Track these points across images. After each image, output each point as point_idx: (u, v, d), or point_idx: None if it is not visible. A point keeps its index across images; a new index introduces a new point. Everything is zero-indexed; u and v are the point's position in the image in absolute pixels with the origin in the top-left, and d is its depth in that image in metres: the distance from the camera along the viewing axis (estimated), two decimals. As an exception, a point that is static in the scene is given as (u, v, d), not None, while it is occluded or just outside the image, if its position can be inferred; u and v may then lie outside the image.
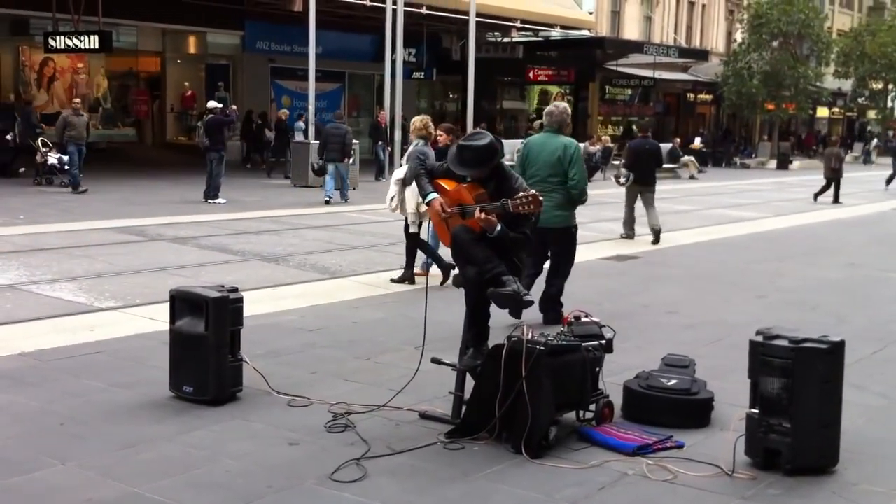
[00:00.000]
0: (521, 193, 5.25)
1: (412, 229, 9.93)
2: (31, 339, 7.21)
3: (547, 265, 8.49)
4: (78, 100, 21.07)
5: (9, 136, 21.36)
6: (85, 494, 4.36)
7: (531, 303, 5.28)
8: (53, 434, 5.16)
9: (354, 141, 20.89)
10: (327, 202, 18.66)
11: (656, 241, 13.92)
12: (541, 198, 5.25)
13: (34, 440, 5.05)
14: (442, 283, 9.38)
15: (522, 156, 8.29)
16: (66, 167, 18.94)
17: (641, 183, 14.42)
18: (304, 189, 21.57)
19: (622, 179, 14.81)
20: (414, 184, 8.78)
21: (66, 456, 4.82)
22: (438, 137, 10.46)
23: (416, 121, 10.33)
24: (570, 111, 8.46)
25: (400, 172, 10.11)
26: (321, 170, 19.75)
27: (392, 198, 10.02)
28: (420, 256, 10.13)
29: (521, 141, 27.49)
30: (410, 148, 10.22)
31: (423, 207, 9.03)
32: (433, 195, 5.52)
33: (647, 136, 16.39)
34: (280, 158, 25.11)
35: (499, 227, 5.27)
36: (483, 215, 5.23)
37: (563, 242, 8.31)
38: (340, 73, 32.11)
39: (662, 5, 43.23)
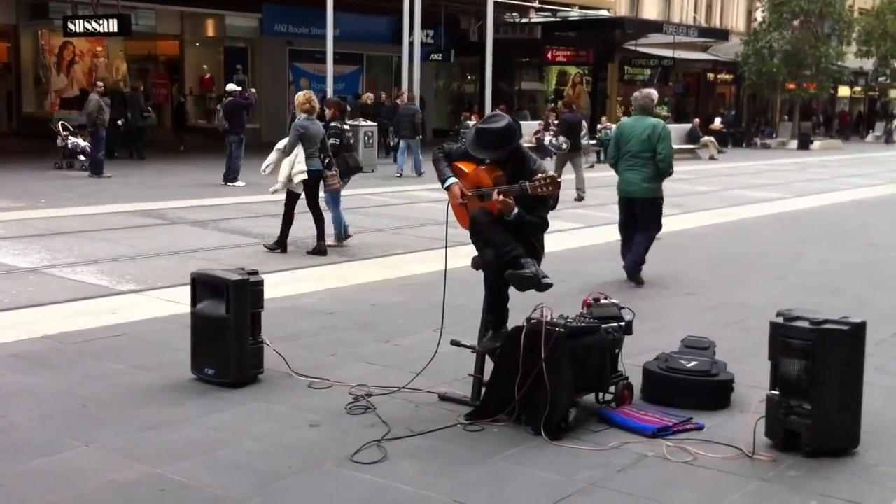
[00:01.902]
0: (540, 175, 5.23)
1: (270, 190, 10.87)
2: (54, 322, 7.27)
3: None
4: (101, 83, 21.12)
5: (119, 122, 22.15)
6: (108, 476, 4.40)
7: (550, 285, 5.28)
8: (76, 416, 5.21)
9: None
10: (399, 176, 20.79)
11: (579, 199, 16.91)
12: (560, 179, 5.23)
13: (57, 422, 5.10)
14: (309, 252, 10.70)
15: (616, 135, 9.46)
16: (89, 152, 18.91)
17: (572, 149, 18.16)
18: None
19: (564, 146, 18.22)
20: (294, 154, 10.34)
21: (89, 438, 4.87)
22: (326, 111, 11.53)
23: (300, 96, 10.86)
24: (654, 96, 9.54)
25: (281, 143, 10.75)
26: (395, 146, 22.54)
27: (268, 164, 10.77)
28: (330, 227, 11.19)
29: (538, 122, 27.61)
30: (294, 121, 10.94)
31: (298, 178, 10.43)
32: (452, 180, 5.51)
33: (574, 110, 20.67)
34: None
35: (516, 211, 5.26)
36: (501, 197, 5.22)
37: (650, 211, 9.25)
38: (358, 55, 32.05)
39: (682, -16, 42.90)
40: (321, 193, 10.95)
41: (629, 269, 9.24)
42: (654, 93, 9.55)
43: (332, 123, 11.28)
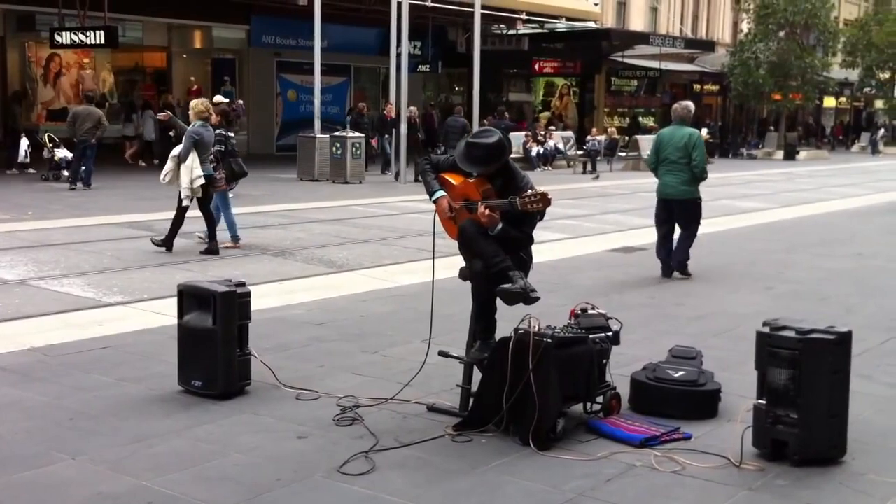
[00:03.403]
0: (530, 192, 5.22)
1: (185, 203, 10.98)
2: (40, 334, 7.24)
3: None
4: (91, 94, 21.07)
5: (171, 134, 21.95)
6: (95, 488, 4.38)
7: (538, 298, 5.28)
8: (63, 428, 5.19)
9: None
10: None
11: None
12: (549, 196, 5.23)
13: (44, 435, 5.08)
14: (202, 252, 11.02)
15: (656, 143, 10.29)
16: (78, 164, 18.75)
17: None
18: (310, 183, 21.60)
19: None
20: (188, 160, 10.65)
21: (77, 450, 4.85)
22: (212, 119, 11.53)
23: (197, 103, 11.28)
24: (692, 108, 10.43)
25: (176, 150, 11.04)
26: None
27: (167, 173, 11.05)
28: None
29: (524, 133, 28.22)
30: (189, 128, 11.16)
31: (197, 183, 10.75)
32: (440, 193, 5.50)
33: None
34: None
35: (500, 226, 5.27)
36: (487, 211, 5.22)
37: (689, 211, 10.19)
38: (346, 66, 32.08)
39: (668, -4, 43.11)
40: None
41: (677, 265, 10.28)
42: (691, 105, 10.50)
43: (218, 130, 11.54)
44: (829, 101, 54.85)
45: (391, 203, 17.80)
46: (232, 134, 11.88)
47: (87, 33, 21.48)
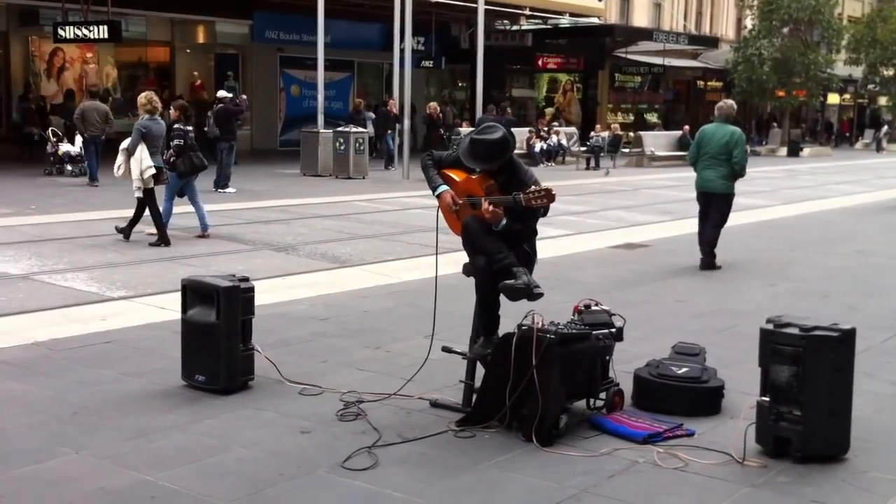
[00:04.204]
0: (534, 188, 5.19)
1: (137, 194, 11.37)
2: (44, 328, 7.25)
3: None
4: (95, 89, 21.07)
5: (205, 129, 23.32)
6: (98, 483, 4.39)
7: (542, 294, 5.28)
8: (66, 423, 5.20)
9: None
10: None
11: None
12: (553, 192, 5.22)
13: (47, 429, 5.08)
14: (152, 244, 11.30)
15: (698, 139, 10.81)
16: (93, 160, 18.68)
17: None
18: (313, 178, 21.59)
19: None
20: (137, 153, 11.07)
21: (80, 445, 4.85)
22: (171, 113, 12.45)
23: (141, 97, 11.77)
24: (735, 106, 11.12)
25: (124, 143, 11.51)
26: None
27: (119, 166, 11.51)
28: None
29: (528, 129, 28.44)
30: (136, 122, 11.70)
31: (147, 173, 11.16)
32: (443, 188, 5.47)
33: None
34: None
35: (504, 222, 5.26)
36: (491, 207, 5.22)
37: (724, 204, 10.76)
38: (349, 62, 32.06)
39: (672, -8, 43.05)
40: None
41: (704, 257, 10.76)
42: (734, 104, 11.19)
43: (176, 125, 11.98)
44: (833, 98, 54.74)
45: (394, 199, 17.79)
46: (190, 128, 12.22)
47: (91, 28, 21.47)
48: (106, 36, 21.47)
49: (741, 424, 4.97)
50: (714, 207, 10.73)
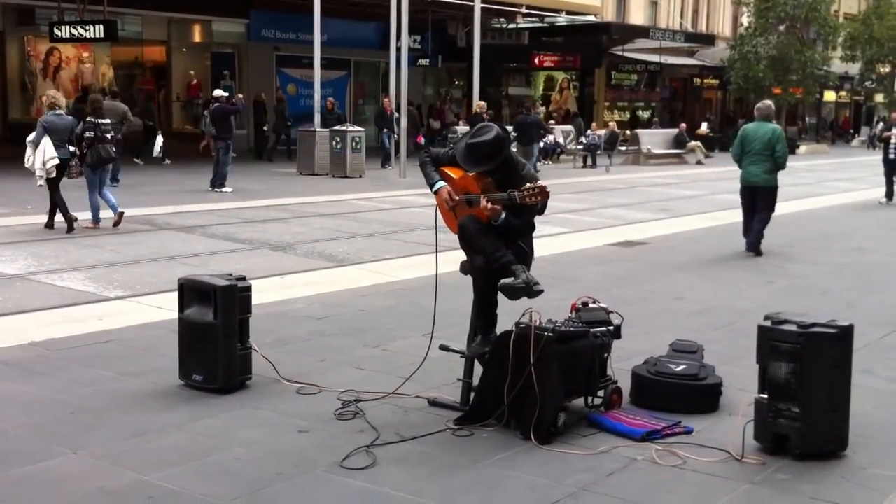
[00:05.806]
0: (528, 185, 5.18)
1: (39, 183, 12.18)
2: (41, 328, 7.23)
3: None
4: (116, 89, 21.04)
5: (265, 128, 26.16)
6: (96, 483, 4.38)
7: (542, 291, 5.28)
8: (64, 423, 5.19)
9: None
10: None
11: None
12: (548, 189, 5.21)
13: (45, 429, 5.08)
14: (68, 231, 11.96)
15: (741, 137, 11.52)
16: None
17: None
18: (310, 177, 21.58)
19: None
20: (41, 145, 12.00)
21: (77, 445, 4.84)
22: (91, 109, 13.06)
23: (44, 97, 12.81)
24: (773, 106, 11.96)
25: (31, 137, 12.25)
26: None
27: (28, 157, 12.21)
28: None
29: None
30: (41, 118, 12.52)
31: (50, 164, 11.94)
32: (440, 184, 5.47)
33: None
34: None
35: (503, 216, 5.26)
36: (489, 205, 5.21)
37: (769, 197, 11.55)
38: (346, 60, 32.02)
39: (668, -10, 43.04)
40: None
41: (752, 244, 11.57)
42: (772, 104, 11.98)
43: (88, 119, 12.69)
44: (829, 96, 54.77)
45: (391, 197, 17.79)
46: (103, 120, 12.76)
47: (87, 27, 21.45)
48: (102, 35, 21.45)
49: (740, 422, 4.97)
50: (761, 199, 11.48)
